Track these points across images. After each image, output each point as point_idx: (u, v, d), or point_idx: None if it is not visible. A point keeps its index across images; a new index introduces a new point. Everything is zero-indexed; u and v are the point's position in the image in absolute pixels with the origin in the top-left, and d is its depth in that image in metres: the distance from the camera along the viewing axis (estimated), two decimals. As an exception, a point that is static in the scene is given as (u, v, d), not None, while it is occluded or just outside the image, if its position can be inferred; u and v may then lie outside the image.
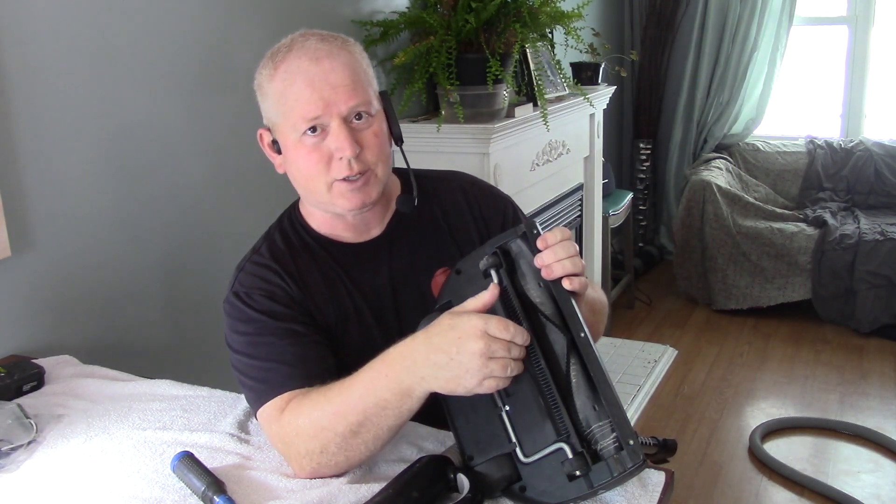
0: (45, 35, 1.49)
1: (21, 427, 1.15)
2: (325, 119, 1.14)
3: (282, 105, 1.16)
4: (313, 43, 1.16)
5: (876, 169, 4.33)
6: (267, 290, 1.19)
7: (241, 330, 1.17)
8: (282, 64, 1.16)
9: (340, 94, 1.14)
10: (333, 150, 1.15)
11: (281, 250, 1.24)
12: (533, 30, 2.54)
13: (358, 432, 1.01)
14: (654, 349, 3.65)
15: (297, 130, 1.15)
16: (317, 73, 1.14)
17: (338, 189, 1.18)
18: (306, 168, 1.17)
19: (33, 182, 1.49)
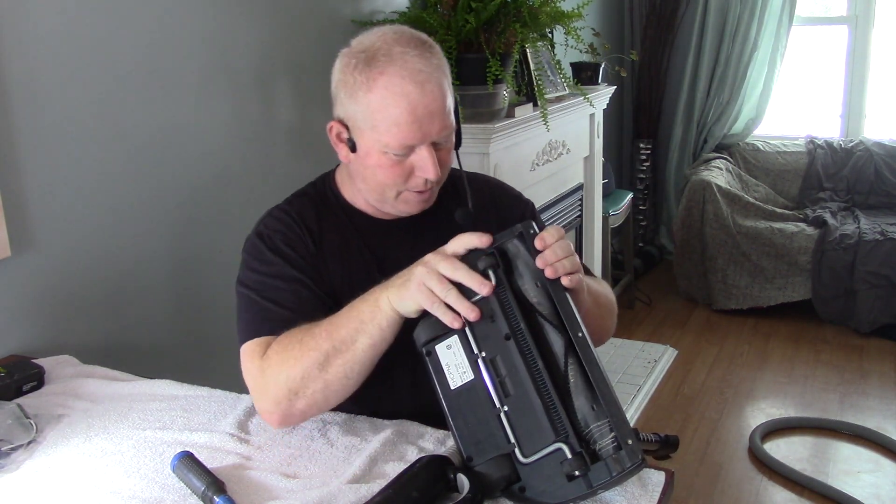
0: (45, 35, 1.49)
1: (21, 427, 1.15)
2: (418, 144, 1.17)
3: (375, 119, 1.16)
4: (413, 59, 1.15)
5: (876, 169, 4.33)
6: (287, 237, 1.25)
7: (254, 267, 1.24)
8: (381, 77, 1.14)
9: (436, 122, 1.16)
10: (416, 168, 1.19)
11: (307, 207, 1.30)
12: (533, 30, 2.53)
13: (339, 351, 1.07)
14: (654, 349, 3.65)
15: (387, 148, 1.17)
16: (419, 102, 1.14)
17: (405, 197, 1.23)
18: (383, 178, 1.21)
19: (33, 182, 1.49)
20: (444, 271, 1.02)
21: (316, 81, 2.23)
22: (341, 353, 1.07)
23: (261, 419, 1.20)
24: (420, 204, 1.25)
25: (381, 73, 1.14)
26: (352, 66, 1.17)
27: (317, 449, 1.12)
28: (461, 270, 1.02)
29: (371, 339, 1.07)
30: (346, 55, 1.20)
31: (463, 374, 1.01)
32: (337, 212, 1.31)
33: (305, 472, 1.06)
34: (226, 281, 1.96)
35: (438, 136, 1.18)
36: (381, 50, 1.16)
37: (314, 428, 1.17)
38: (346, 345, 1.07)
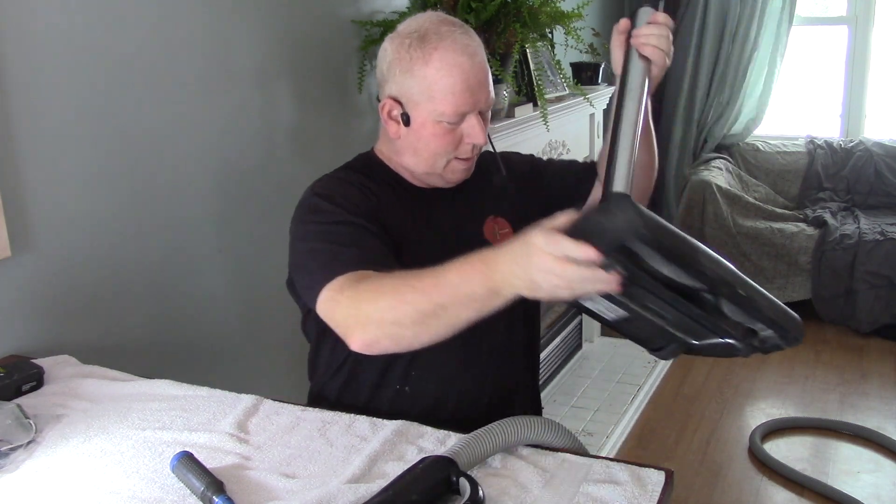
0: (45, 35, 1.49)
1: (20, 427, 1.15)
2: (469, 112, 1.30)
3: (432, 90, 1.28)
4: (461, 36, 1.29)
5: (876, 169, 4.33)
6: (345, 192, 1.31)
7: (314, 219, 1.27)
8: (435, 52, 1.27)
9: (483, 91, 1.31)
10: (465, 136, 1.31)
11: (358, 174, 1.37)
12: (533, 30, 2.53)
13: (439, 315, 1.04)
14: (654, 349, 3.65)
15: (442, 117, 1.29)
16: (471, 71, 1.28)
17: (452, 165, 1.35)
18: (436, 146, 1.32)
19: (33, 182, 1.49)
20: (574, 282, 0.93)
21: (316, 81, 2.23)
22: (441, 317, 1.05)
23: (261, 419, 1.20)
24: (464, 172, 1.37)
25: (434, 48, 1.27)
26: (406, 45, 1.29)
27: (316, 449, 1.12)
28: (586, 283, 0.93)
29: (479, 314, 1.04)
30: (397, 38, 1.32)
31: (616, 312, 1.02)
32: (387, 179, 1.39)
33: (305, 472, 1.06)
34: (226, 281, 1.97)
35: (485, 105, 1.32)
36: (430, 30, 1.29)
37: (314, 427, 1.17)
38: (449, 313, 1.04)
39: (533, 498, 1.00)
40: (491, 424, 1.08)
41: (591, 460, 1.08)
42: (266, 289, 2.05)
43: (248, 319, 2.04)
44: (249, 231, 2.02)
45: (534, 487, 1.02)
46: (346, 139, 2.37)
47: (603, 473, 1.04)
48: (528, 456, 1.09)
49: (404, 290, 1.07)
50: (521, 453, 1.10)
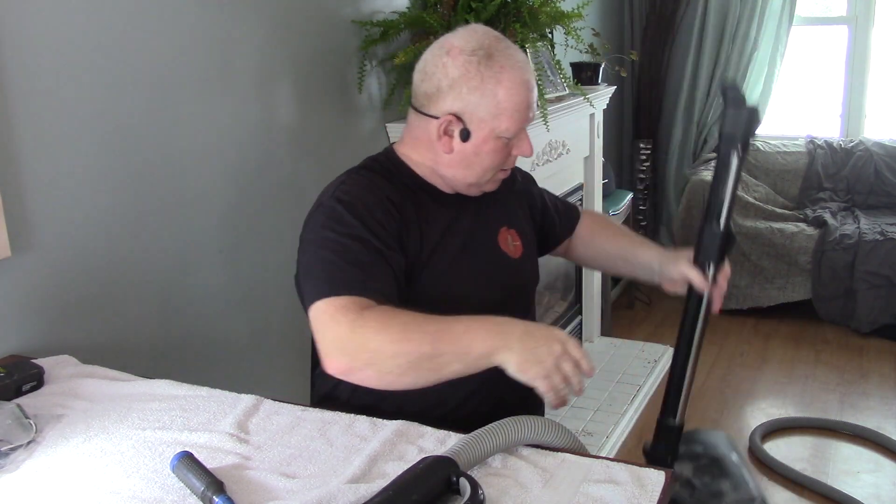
0: (45, 35, 1.49)
1: (20, 427, 1.15)
2: (523, 125, 1.36)
3: (501, 110, 1.32)
4: (515, 53, 1.34)
5: (876, 169, 4.33)
6: (367, 202, 1.30)
7: (332, 227, 1.26)
8: (505, 71, 1.31)
9: (534, 106, 1.37)
10: (515, 149, 1.38)
11: (381, 177, 1.38)
12: (533, 30, 2.53)
13: (434, 361, 1.12)
14: (654, 349, 3.65)
15: (505, 133, 1.34)
16: (532, 85, 1.35)
17: (496, 177, 1.41)
18: (490, 161, 1.36)
19: (33, 182, 1.49)
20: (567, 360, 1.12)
21: (316, 81, 2.23)
22: (433, 362, 1.13)
23: (261, 419, 1.20)
24: (500, 183, 1.44)
25: (503, 67, 1.31)
26: (473, 63, 1.31)
27: (316, 449, 1.12)
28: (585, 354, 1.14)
29: (465, 370, 1.15)
30: (460, 55, 1.32)
31: None
32: (407, 181, 1.40)
33: (305, 472, 1.06)
34: (226, 281, 1.96)
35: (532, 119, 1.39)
36: (492, 47, 1.33)
37: (314, 427, 1.17)
38: (442, 360, 1.13)
39: (533, 498, 1.00)
40: (491, 424, 1.08)
41: (591, 460, 1.08)
42: (266, 289, 2.05)
43: (248, 319, 2.04)
44: (250, 231, 2.02)
45: (534, 487, 1.02)
46: (346, 139, 2.37)
47: (603, 473, 1.04)
48: (528, 456, 1.09)
49: (412, 328, 1.13)
50: (521, 453, 1.10)
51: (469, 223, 1.43)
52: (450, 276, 1.36)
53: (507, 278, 1.47)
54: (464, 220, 1.43)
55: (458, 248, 1.39)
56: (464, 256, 1.40)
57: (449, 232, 1.39)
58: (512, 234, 1.50)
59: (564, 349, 1.12)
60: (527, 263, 1.52)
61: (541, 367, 1.11)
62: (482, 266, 1.42)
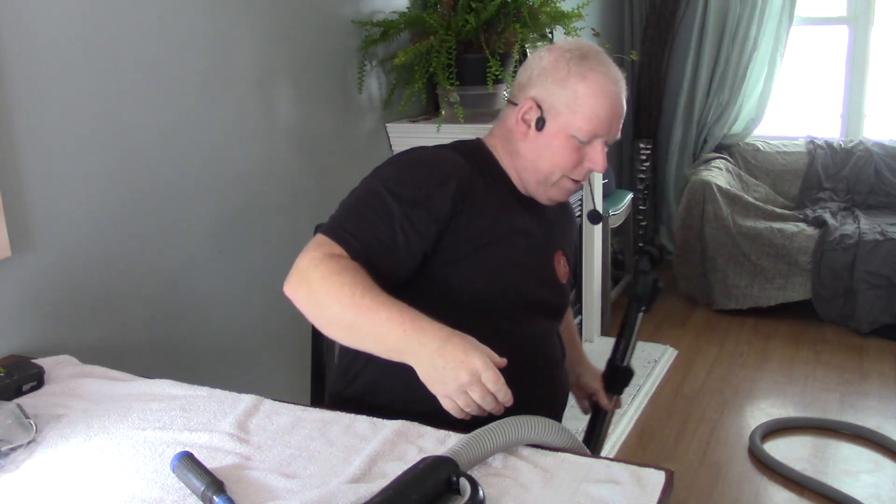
0: (45, 34, 1.49)
1: (21, 427, 1.15)
2: (600, 137, 1.37)
3: (578, 106, 1.35)
4: (615, 70, 1.39)
5: (876, 169, 4.33)
6: (433, 177, 1.31)
7: (385, 182, 1.30)
8: (593, 73, 1.35)
9: (618, 124, 1.39)
10: (587, 159, 1.38)
11: (468, 158, 1.39)
12: (533, 30, 2.53)
13: (351, 329, 1.18)
14: (654, 349, 3.65)
15: (576, 133, 1.35)
16: (618, 102, 1.37)
17: (563, 183, 1.41)
18: (559, 159, 1.38)
19: (33, 182, 1.49)
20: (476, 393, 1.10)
21: (316, 81, 2.23)
22: (350, 332, 1.19)
23: (261, 420, 1.20)
24: (568, 193, 1.44)
25: (592, 69, 1.36)
26: (566, 58, 1.36)
27: (316, 449, 1.12)
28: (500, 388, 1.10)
29: (381, 354, 1.18)
30: (557, 51, 1.38)
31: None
32: (493, 171, 1.43)
33: (305, 471, 1.06)
34: (226, 281, 1.96)
35: (613, 138, 1.39)
36: (591, 51, 1.38)
37: (314, 427, 1.17)
38: (359, 334, 1.18)
39: (533, 498, 1.00)
40: (491, 424, 1.08)
41: (591, 460, 1.08)
42: (266, 289, 2.05)
43: (248, 319, 2.04)
44: (249, 231, 2.02)
45: (534, 487, 1.02)
46: (346, 139, 2.37)
47: (603, 473, 1.04)
48: (529, 456, 1.09)
49: (349, 292, 1.17)
50: (522, 453, 1.10)
51: (535, 232, 1.45)
52: (510, 269, 1.38)
53: (556, 298, 1.50)
54: (530, 226, 1.44)
55: (524, 249, 1.42)
56: (528, 259, 1.43)
57: (519, 231, 1.41)
58: (563, 260, 1.54)
59: (474, 380, 1.08)
60: (568, 290, 1.57)
61: (442, 388, 1.10)
62: (538, 275, 1.45)
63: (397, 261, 1.29)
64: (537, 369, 1.43)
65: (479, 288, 1.35)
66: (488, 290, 1.36)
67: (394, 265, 1.29)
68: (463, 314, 1.31)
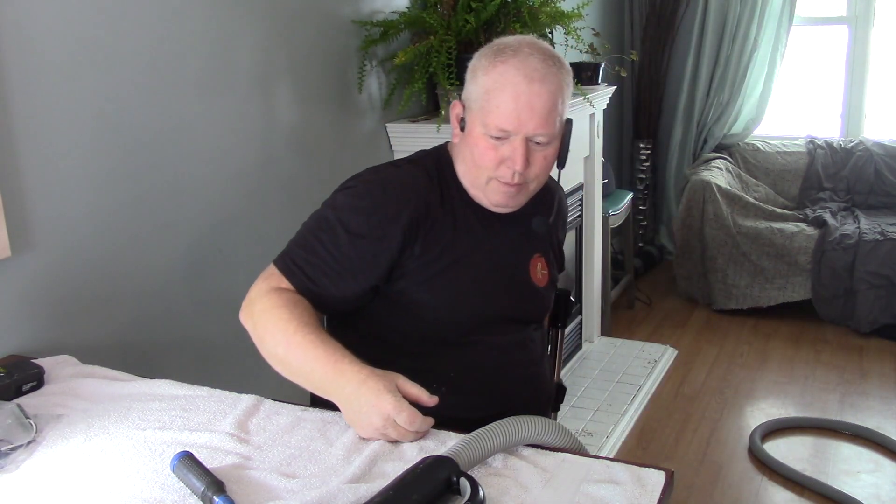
0: (45, 35, 1.49)
1: (21, 427, 1.15)
2: (512, 133, 1.28)
3: (483, 101, 1.29)
4: (535, 61, 1.28)
5: (876, 169, 4.33)
6: (382, 204, 1.31)
7: (337, 210, 1.32)
8: (500, 65, 1.28)
9: (535, 119, 1.27)
10: (506, 157, 1.30)
11: (427, 172, 1.38)
12: (533, 30, 2.53)
13: (284, 363, 1.23)
14: (654, 349, 3.65)
15: (485, 130, 1.29)
16: (523, 93, 1.26)
17: (494, 185, 1.34)
18: (479, 158, 1.32)
19: (33, 182, 1.49)
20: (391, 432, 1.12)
21: (316, 81, 2.23)
22: (284, 365, 1.24)
23: (261, 420, 1.20)
24: (504, 197, 1.35)
25: (502, 61, 1.28)
26: (482, 53, 1.32)
27: (316, 449, 1.12)
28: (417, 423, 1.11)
29: (314, 391, 1.24)
30: (485, 48, 1.33)
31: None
32: (451, 180, 1.40)
33: (305, 471, 1.06)
34: (226, 280, 1.96)
35: (533, 133, 1.28)
36: (511, 46, 1.30)
37: (314, 427, 1.17)
38: (291, 367, 1.24)
39: (533, 498, 1.00)
40: (491, 424, 1.08)
41: (591, 460, 1.08)
42: (266, 289, 2.05)
43: (248, 319, 2.04)
44: (250, 230, 2.02)
45: (534, 487, 1.02)
46: (347, 139, 2.37)
47: (603, 473, 1.04)
48: (529, 456, 1.09)
49: (282, 327, 1.23)
50: (522, 453, 1.10)
51: (504, 245, 1.42)
52: (472, 290, 1.36)
53: (530, 307, 1.47)
54: (498, 241, 1.41)
55: (487, 266, 1.39)
56: (492, 276, 1.40)
57: (481, 249, 1.38)
58: (542, 262, 1.49)
59: (388, 423, 1.10)
60: (550, 293, 1.53)
61: (361, 430, 1.13)
62: (508, 291, 1.42)
63: (345, 292, 1.32)
64: (514, 374, 1.42)
65: (439, 311, 1.35)
66: (449, 313, 1.35)
67: (342, 297, 1.32)
68: (426, 334, 1.36)
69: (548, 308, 1.54)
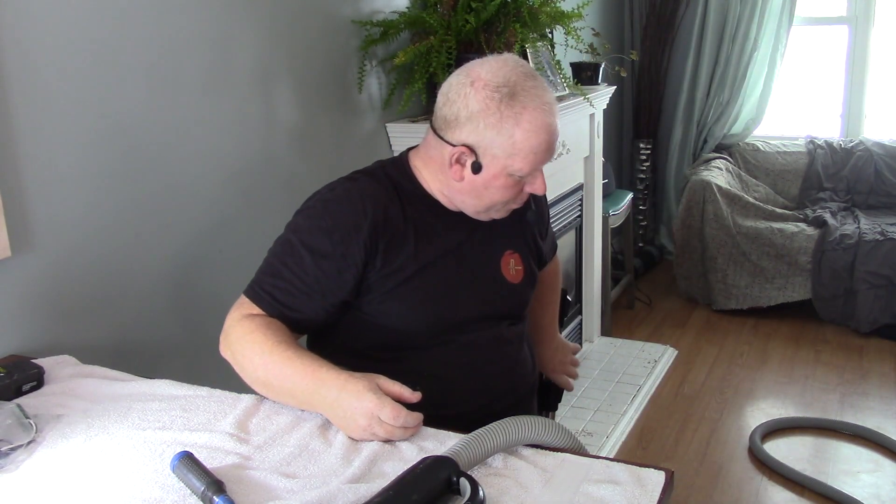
0: (45, 35, 1.49)
1: (21, 427, 1.15)
2: (539, 167, 1.33)
3: (516, 149, 1.29)
4: (543, 93, 1.30)
5: (876, 169, 4.33)
6: (346, 219, 1.32)
7: (299, 231, 1.34)
8: (526, 112, 1.28)
9: (555, 147, 1.34)
10: (528, 185, 1.35)
11: (383, 183, 1.38)
12: (533, 30, 2.53)
13: (266, 384, 1.24)
14: (654, 349, 3.65)
15: (519, 172, 1.31)
16: (554, 131, 1.31)
17: (499, 209, 1.38)
18: (500, 196, 1.34)
19: (33, 182, 1.49)
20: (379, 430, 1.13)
21: (317, 81, 2.23)
22: (267, 387, 1.24)
23: (261, 419, 1.20)
24: (508, 213, 1.41)
25: (524, 107, 1.28)
26: (496, 100, 1.28)
27: (316, 449, 1.12)
28: (402, 418, 1.13)
29: (299, 406, 1.23)
30: (483, 90, 1.28)
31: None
32: (412, 194, 1.40)
33: (305, 471, 1.06)
34: (226, 280, 1.96)
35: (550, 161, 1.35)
36: (518, 85, 1.28)
37: (314, 427, 1.17)
38: (273, 388, 1.24)
39: (533, 498, 1.00)
40: (491, 424, 1.08)
41: (591, 460, 1.08)
42: (266, 289, 2.05)
43: (248, 319, 2.04)
44: (250, 230, 2.02)
45: (534, 487, 1.02)
46: (346, 139, 2.37)
47: (603, 473, 1.04)
48: (529, 456, 1.09)
49: (257, 350, 1.24)
50: (522, 453, 1.10)
51: (472, 245, 1.42)
52: (439, 296, 1.37)
53: (502, 303, 1.46)
54: (465, 242, 1.42)
55: (454, 269, 1.39)
56: (459, 279, 1.40)
57: (447, 252, 1.39)
58: (516, 258, 1.48)
59: (374, 421, 1.12)
60: (526, 288, 1.51)
61: (350, 431, 1.14)
62: (478, 290, 1.42)
63: (316, 312, 1.33)
64: (489, 369, 1.43)
65: (407, 319, 1.36)
66: (417, 322, 1.36)
67: (314, 316, 1.33)
68: (398, 342, 1.37)
69: (525, 303, 1.52)
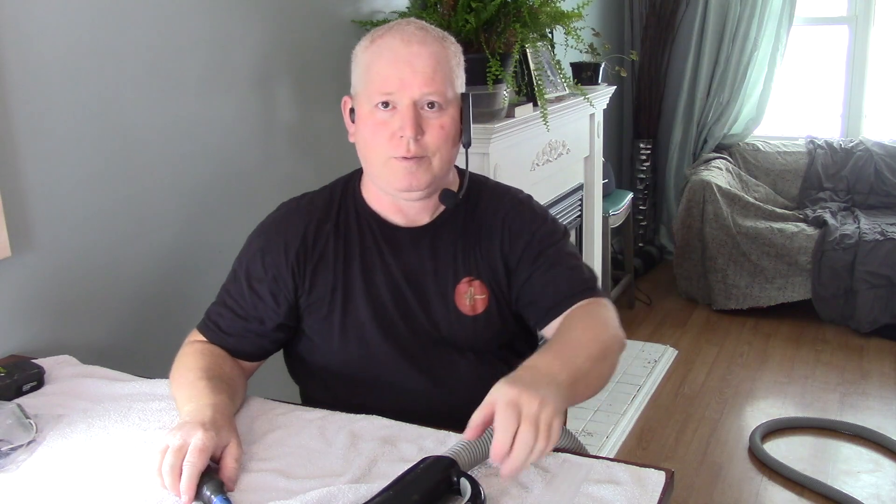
0: (45, 34, 1.49)
1: (21, 427, 1.15)
2: (398, 97, 1.21)
3: (365, 75, 1.24)
4: (412, 28, 1.24)
5: (876, 169, 4.33)
6: (266, 249, 1.33)
7: (241, 260, 1.37)
8: (378, 39, 1.24)
9: (418, 78, 1.20)
10: (397, 128, 1.22)
11: (324, 207, 1.35)
12: (533, 30, 2.53)
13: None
14: (654, 349, 3.65)
15: (371, 102, 1.23)
16: (403, 54, 1.21)
17: (391, 165, 1.24)
18: (371, 139, 1.25)
19: (33, 182, 1.49)
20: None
21: (316, 81, 2.23)
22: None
23: (261, 420, 1.20)
24: (406, 176, 1.23)
25: (379, 37, 1.25)
26: (360, 41, 1.28)
27: (316, 449, 1.12)
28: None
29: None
30: (363, 41, 1.28)
31: None
32: (354, 215, 1.34)
33: (305, 472, 1.06)
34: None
35: (419, 94, 1.21)
36: (387, 25, 1.27)
37: (314, 428, 1.17)
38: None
39: (533, 498, 1.00)
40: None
41: (591, 460, 1.08)
42: (266, 289, 2.05)
43: (248, 319, 2.04)
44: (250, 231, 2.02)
45: (534, 487, 1.02)
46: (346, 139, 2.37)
47: (603, 473, 1.04)
48: (529, 456, 1.09)
49: (181, 374, 1.25)
50: (522, 453, 1.10)
51: (418, 267, 1.31)
52: (368, 324, 1.29)
53: (453, 334, 1.31)
54: (413, 264, 1.31)
55: (390, 294, 1.30)
56: (393, 305, 1.30)
57: (383, 273, 1.30)
58: (476, 286, 1.31)
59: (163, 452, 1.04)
60: (488, 322, 1.32)
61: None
62: (415, 317, 1.30)
63: (261, 338, 1.34)
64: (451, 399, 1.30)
65: (336, 347, 1.32)
66: (345, 353, 1.32)
67: (257, 341, 1.34)
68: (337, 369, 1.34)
69: (481, 338, 1.33)
